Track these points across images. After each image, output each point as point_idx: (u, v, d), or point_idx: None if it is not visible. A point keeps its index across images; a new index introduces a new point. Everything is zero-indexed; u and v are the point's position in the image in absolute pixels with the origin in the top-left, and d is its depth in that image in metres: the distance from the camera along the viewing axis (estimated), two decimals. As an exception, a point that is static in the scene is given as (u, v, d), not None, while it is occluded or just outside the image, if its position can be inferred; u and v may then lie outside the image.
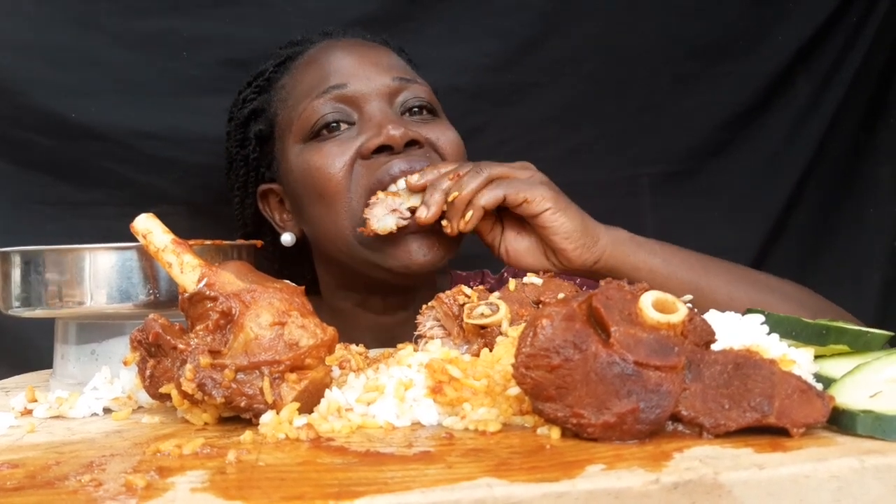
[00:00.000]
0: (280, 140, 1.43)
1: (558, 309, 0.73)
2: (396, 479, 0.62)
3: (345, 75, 1.37)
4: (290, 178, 1.40)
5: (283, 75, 1.46)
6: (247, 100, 1.50)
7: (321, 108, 1.35)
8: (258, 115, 1.47)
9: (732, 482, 0.60)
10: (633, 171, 1.90)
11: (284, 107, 1.42)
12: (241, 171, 1.51)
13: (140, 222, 0.93)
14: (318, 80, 1.38)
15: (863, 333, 0.84)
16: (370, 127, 1.32)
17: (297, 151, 1.37)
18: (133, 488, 0.62)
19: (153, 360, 0.85)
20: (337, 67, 1.38)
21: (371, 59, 1.40)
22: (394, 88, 1.37)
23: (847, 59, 1.92)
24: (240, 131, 1.50)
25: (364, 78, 1.37)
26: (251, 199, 1.51)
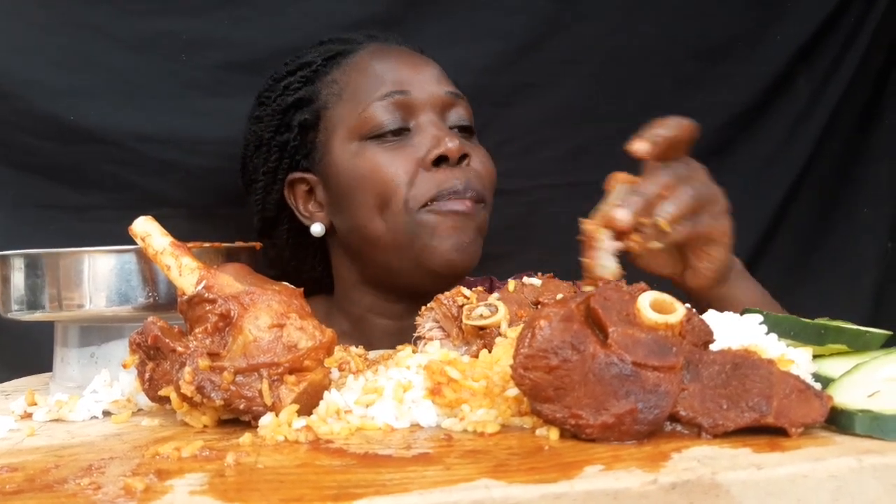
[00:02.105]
0: (327, 132, 1.45)
1: (556, 310, 0.73)
2: (395, 480, 0.62)
3: (405, 82, 1.42)
4: (335, 171, 1.43)
5: (332, 70, 1.48)
6: (290, 87, 1.50)
7: (383, 113, 1.39)
8: (304, 105, 1.48)
9: (730, 482, 0.60)
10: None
11: (338, 101, 1.44)
12: (273, 155, 1.50)
13: (138, 225, 0.94)
14: (378, 82, 1.42)
15: (861, 333, 0.84)
16: (427, 137, 1.38)
17: (353, 149, 1.41)
18: (132, 491, 0.62)
19: (152, 362, 0.86)
20: (397, 73, 1.43)
21: (428, 70, 1.46)
22: (447, 102, 1.44)
23: (845, 60, 1.92)
24: (278, 117, 1.50)
25: (423, 87, 1.42)
26: (279, 186, 1.51)
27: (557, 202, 1.85)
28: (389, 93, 1.40)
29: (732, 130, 1.94)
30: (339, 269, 1.53)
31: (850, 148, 1.96)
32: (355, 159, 1.40)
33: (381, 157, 1.38)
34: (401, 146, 1.39)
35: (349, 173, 1.41)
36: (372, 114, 1.39)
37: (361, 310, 1.50)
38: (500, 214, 1.80)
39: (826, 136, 1.94)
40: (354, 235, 1.44)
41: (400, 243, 1.38)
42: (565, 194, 1.84)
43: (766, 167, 1.94)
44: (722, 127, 1.93)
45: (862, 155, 1.96)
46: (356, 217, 1.41)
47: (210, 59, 1.67)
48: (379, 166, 1.38)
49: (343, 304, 1.53)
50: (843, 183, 1.96)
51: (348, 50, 1.49)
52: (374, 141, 1.39)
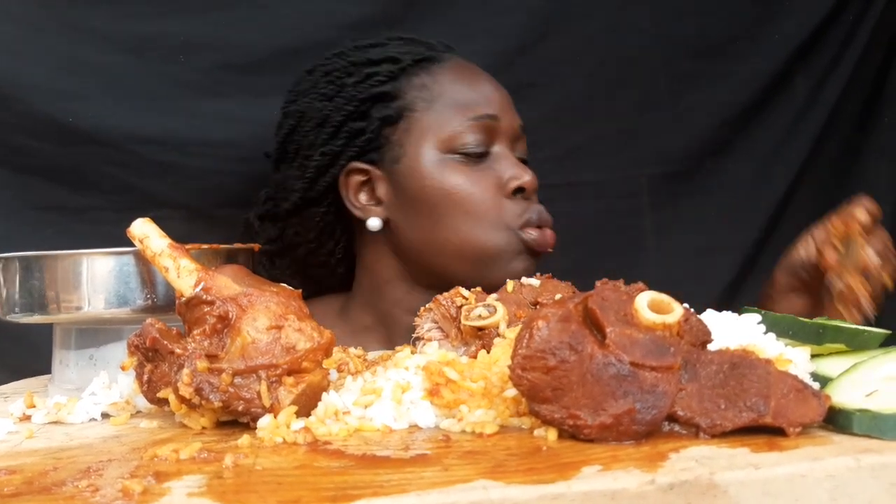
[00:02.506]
0: (408, 135, 1.46)
1: (554, 310, 0.73)
2: (393, 482, 0.62)
3: (495, 107, 1.46)
4: (415, 176, 1.44)
5: (422, 74, 1.49)
6: (374, 77, 1.49)
7: (472, 133, 1.43)
8: (388, 100, 1.48)
9: (728, 482, 0.60)
10: (631, 172, 1.90)
11: (427, 108, 1.46)
12: (340, 140, 1.48)
13: (136, 227, 0.93)
14: (472, 99, 1.45)
15: (860, 332, 0.84)
16: (507, 166, 1.44)
17: (437, 160, 1.43)
18: (130, 493, 0.62)
19: (151, 364, 0.86)
20: (488, 96, 1.46)
21: (508, 99, 1.50)
22: (519, 134, 1.49)
23: (844, 58, 1.92)
24: (355, 104, 1.48)
25: (509, 117, 1.47)
26: (336, 170, 1.49)
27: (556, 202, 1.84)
28: (483, 115, 1.44)
29: (731, 129, 1.93)
30: (375, 263, 1.52)
31: (849, 147, 1.96)
32: (441, 171, 1.43)
33: (468, 176, 1.42)
34: (482, 169, 1.43)
35: (433, 183, 1.43)
36: (463, 131, 1.43)
37: (389, 305, 1.50)
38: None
39: (825, 135, 1.94)
40: (424, 241, 1.45)
41: (481, 259, 1.42)
42: (564, 194, 1.84)
43: (765, 166, 1.94)
44: (721, 126, 1.93)
45: (861, 154, 1.96)
46: (436, 226, 1.43)
47: (208, 61, 1.67)
48: (466, 185, 1.42)
49: (370, 298, 1.52)
50: (841, 182, 1.96)
51: (436, 57, 1.51)
52: (458, 157, 1.43)
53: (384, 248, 1.50)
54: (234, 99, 1.65)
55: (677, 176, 1.92)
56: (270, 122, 1.66)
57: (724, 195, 1.93)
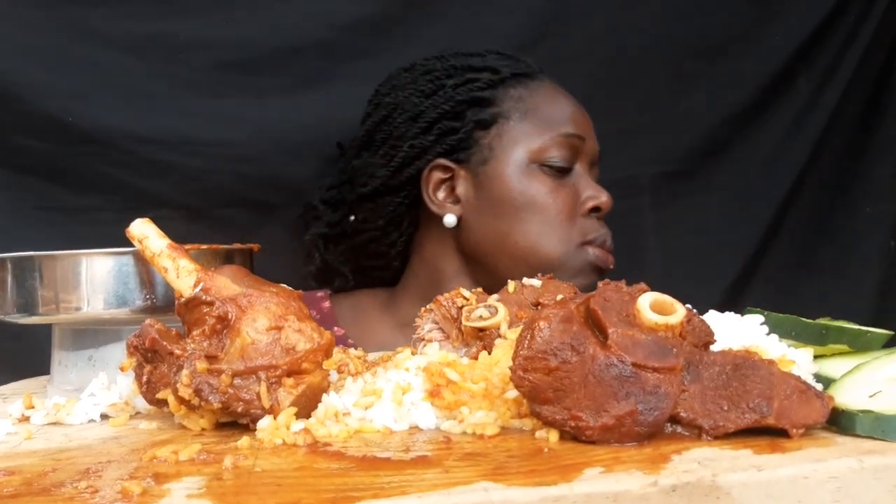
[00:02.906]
0: (499, 140, 1.52)
1: (556, 311, 0.73)
2: (393, 483, 0.62)
3: (582, 129, 1.55)
4: (501, 180, 1.51)
5: (519, 87, 1.56)
6: (474, 82, 1.56)
7: (560, 149, 1.51)
8: (484, 104, 1.55)
9: (731, 484, 0.60)
10: (632, 172, 1.90)
11: (521, 118, 1.53)
12: (431, 135, 1.54)
13: (136, 227, 0.93)
14: (562, 119, 1.54)
15: (862, 333, 0.84)
16: (587, 185, 1.53)
17: (524, 167, 1.51)
18: (129, 495, 0.62)
19: (150, 365, 0.85)
20: (577, 118, 1.55)
21: (592, 125, 1.59)
22: (596, 159, 1.58)
23: (845, 58, 1.92)
24: (451, 103, 1.55)
25: (592, 140, 1.57)
26: (422, 163, 1.54)
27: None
28: (572, 133, 1.52)
29: (732, 129, 1.93)
30: (438, 259, 1.58)
31: (852, 146, 1.96)
32: (526, 178, 1.50)
33: (549, 188, 1.50)
34: (563, 184, 1.51)
35: (517, 188, 1.50)
36: (552, 145, 1.51)
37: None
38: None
39: (827, 135, 1.94)
40: (494, 241, 1.52)
41: (544, 266, 1.44)
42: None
43: (767, 166, 1.94)
44: (721, 126, 1.93)
45: (863, 153, 1.96)
46: (509, 228, 1.50)
47: (208, 61, 1.67)
48: (547, 195, 1.49)
49: (426, 292, 1.54)
50: (844, 182, 1.96)
51: (532, 74, 1.59)
52: (544, 169, 1.50)
53: (450, 246, 1.56)
54: (234, 99, 1.65)
55: (678, 176, 1.91)
56: (270, 122, 1.66)
57: (725, 195, 1.93)
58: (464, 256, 1.55)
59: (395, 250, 1.62)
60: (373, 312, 1.60)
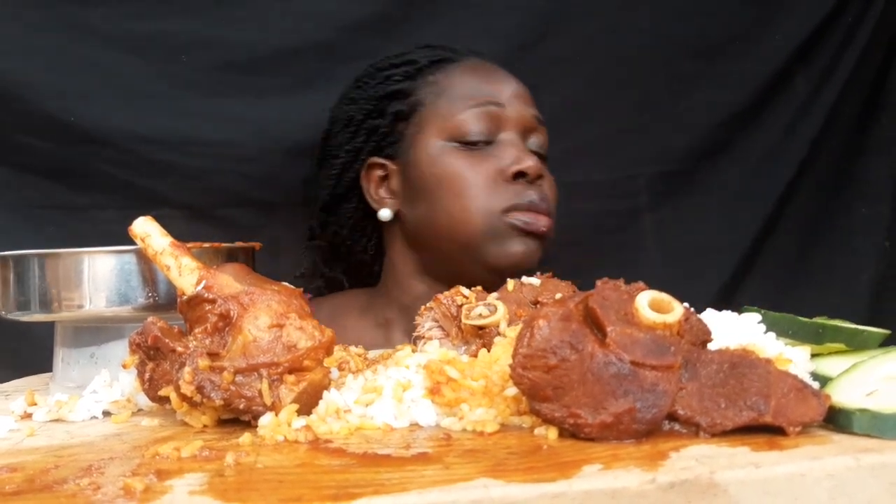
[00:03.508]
0: (418, 127, 1.51)
1: (555, 309, 0.74)
2: (394, 480, 0.62)
3: (503, 97, 1.50)
4: (418, 165, 1.50)
5: (436, 72, 1.54)
6: (391, 77, 1.56)
7: (476, 121, 1.47)
8: (402, 96, 1.54)
9: (728, 481, 0.61)
10: (630, 172, 1.90)
11: (435, 101, 1.51)
12: (360, 137, 1.56)
13: (138, 225, 0.94)
14: (478, 90, 1.50)
15: (859, 332, 0.84)
16: (510, 152, 1.46)
17: (439, 147, 1.48)
18: (131, 491, 0.62)
19: (152, 363, 0.86)
20: (498, 87, 1.51)
21: (524, 91, 1.54)
22: (531, 125, 1.52)
23: (843, 59, 1.92)
24: (373, 102, 1.56)
25: (518, 106, 1.50)
26: (358, 165, 1.56)
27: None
28: (484, 102, 1.48)
29: (730, 129, 1.94)
30: (396, 257, 1.58)
31: (848, 147, 1.96)
32: (440, 158, 1.48)
33: (465, 161, 1.46)
34: (484, 156, 1.47)
35: (432, 170, 1.48)
36: (464, 119, 1.47)
37: (411, 299, 1.53)
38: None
39: (824, 135, 1.94)
40: (424, 227, 1.51)
41: (471, 242, 1.45)
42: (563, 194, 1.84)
43: (764, 166, 1.94)
44: (720, 126, 1.93)
45: (860, 154, 1.96)
46: (432, 211, 1.49)
47: (209, 61, 1.67)
48: (462, 169, 1.46)
49: (393, 292, 1.57)
50: (840, 181, 1.96)
51: (453, 58, 1.57)
52: (460, 145, 1.47)
53: (403, 243, 1.56)
54: (235, 99, 1.65)
55: (677, 176, 1.92)
56: (271, 121, 1.67)
57: (723, 195, 1.94)
58: (415, 251, 1.55)
59: (369, 254, 1.63)
60: (351, 314, 1.60)
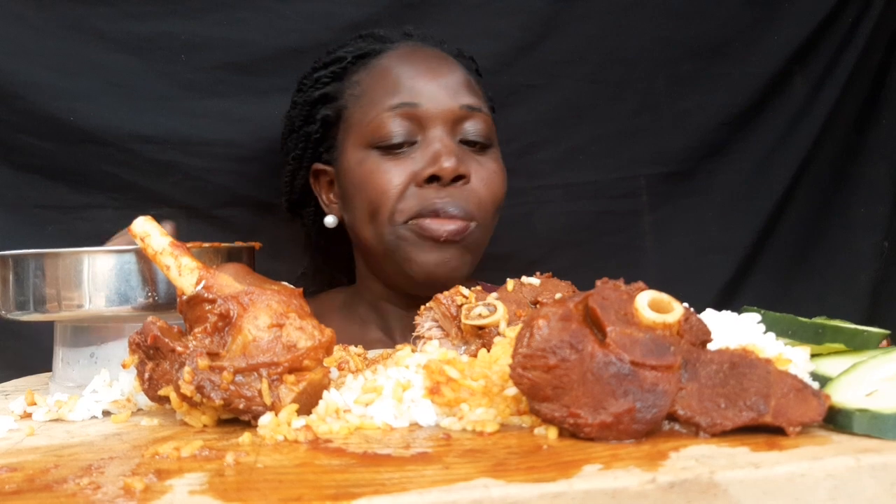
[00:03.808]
0: (344, 133, 1.49)
1: (555, 309, 0.74)
2: (394, 480, 0.62)
3: (417, 93, 1.42)
4: (344, 172, 1.47)
5: (359, 69, 1.50)
6: (320, 81, 1.54)
7: (390, 125, 1.41)
8: (328, 101, 1.52)
9: (728, 481, 0.61)
10: (629, 173, 1.90)
11: (357, 104, 1.47)
12: (300, 143, 1.55)
13: (138, 225, 0.94)
14: (392, 90, 1.43)
15: (859, 332, 0.84)
16: (428, 153, 1.40)
17: (359, 156, 1.44)
18: (131, 491, 0.62)
19: (152, 362, 0.86)
20: (412, 83, 1.43)
21: (444, 80, 1.45)
22: (459, 115, 1.43)
23: (841, 60, 1.92)
24: (307, 108, 1.54)
25: (435, 100, 1.42)
26: (304, 173, 1.56)
27: (555, 202, 1.85)
28: (399, 104, 1.42)
29: (729, 130, 1.94)
30: (357, 258, 1.59)
31: (847, 148, 1.96)
32: (361, 164, 1.43)
33: (380, 167, 1.41)
34: (402, 158, 1.41)
35: (353, 177, 1.44)
36: (380, 123, 1.42)
37: (376, 297, 1.54)
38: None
39: (823, 136, 1.94)
40: (354, 236, 1.50)
41: (384, 252, 1.42)
42: (563, 195, 1.85)
43: (763, 167, 1.94)
44: (719, 127, 1.93)
45: (858, 155, 1.96)
46: (354, 220, 1.47)
47: (209, 61, 1.67)
48: (375, 175, 1.41)
49: (362, 290, 1.58)
50: (839, 182, 1.96)
51: (378, 50, 1.51)
52: (379, 151, 1.42)
53: (356, 246, 1.56)
54: (235, 99, 1.65)
55: (676, 176, 1.92)
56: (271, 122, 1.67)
57: (722, 195, 1.94)
58: (363, 253, 1.54)
59: (341, 253, 1.63)
60: (334, 312, 1.60)
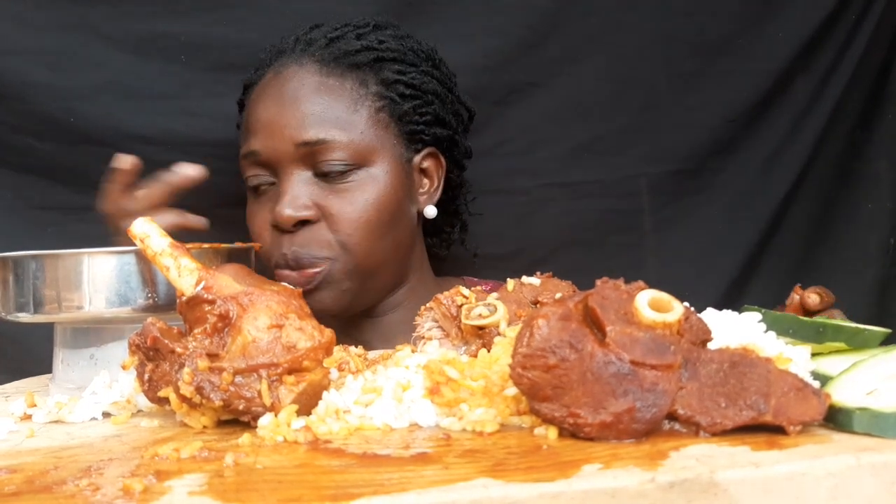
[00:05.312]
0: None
1: (554, 309, 0.74)
2: (393, 480, 0.62)
3: (259, 138, 1.41)
4: None
5: (246, 102, 1.51)
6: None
7: (246, 171, 1.45)
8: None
9: (728, 481, 0.60)
10: (632, 171, 1.90)
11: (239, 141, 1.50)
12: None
13: (137, 226, 0.94)
14: (245, 135, 1.45)
15: (860, 331, 0.84)
16: (278, 197, 1.40)
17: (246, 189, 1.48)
18: (131, 492, 0.62)
19: (151, 363, 0.86)
20: (255, 128, 1.42)
21: (286, 117, 1.40)
22: (303, 154, 1.39)
23: (846, 57, 1.91)
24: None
25: (273, 143, 1.40)
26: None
27: (558, 201, 1.85)
28: (246, 153, 1.43)
29: (734, 128, 1.93)
30: None
31: (852, 144, 1.96)
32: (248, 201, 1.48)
33: (251, 209, 1.46)
34: (264, 201, 1.44)
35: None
36: (242, 168, 1.46)
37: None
38: (500, 214, 1.80)
39: (827, 134, 1.93)
40: None
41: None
42: (565, 193, 1.84)
43: (767, 165, 1.94)
44: (724, 125, 1.93)
45: (864, 151, 1.96)
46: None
47: (208, 61, 1.67)
48: (248, 218, 1.47)
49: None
50: (845, 179, 1.95)
51: (255, 80, 1.50)
52: (250, 190, 1.46)
53: None
54: (234, 99, 1.65)
55: (678, 175, 1.91)
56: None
57: (725, 194, 1.93)
58: None
59: None
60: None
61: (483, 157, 1.76)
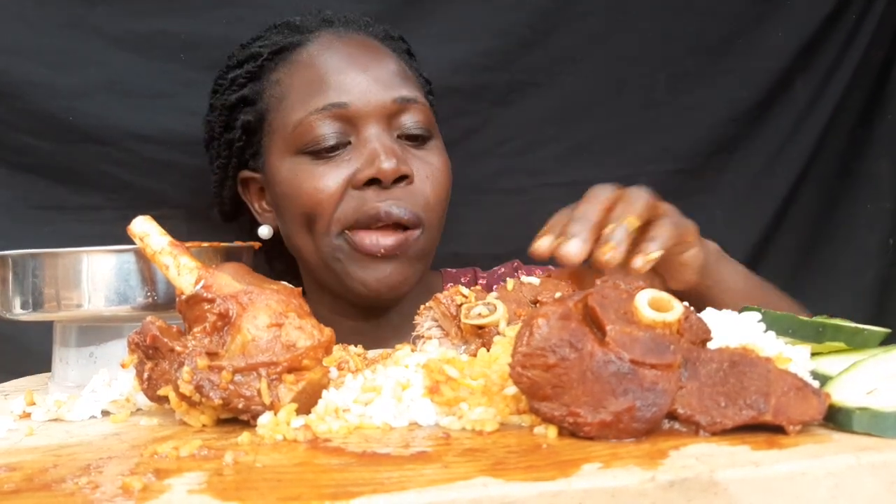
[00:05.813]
0: (269, 138, 1.41)
1: (554, 308, 0.73)
2: (393, 479, 0.62)
3: (345, 91, 1.33)
4: (273, 180, 1.39)
5: (278, 67, 1.41)
6: (236, 82, 1.45)
7: (320, 128, 1.32)
8: (247, 104, 1.43)
9: (728, 480, 0.60)
10: (632, 170, 1.89)
11: (279, 107, 1.38)
12: (223, 152, 1.48)
13: (137, 225, 0.93)
14: (317, 90, 1.34)
15: (859, 331, 0.84)
16: (365, 154, 1.31)
17: (289, 164, 1.35)
18: (130, 490, 0.62)
19: (151, 362, 0.85)
20: (338, 80, 1.34)
21: (374, 72, 1.35)
22: (394, 110, 1.35)
23: (846, 57, 1.92)
24: (225, 113, 1.46)
25: (365, 97, 1.33)
26: (231, 182, 1.50)
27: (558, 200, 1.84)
28: (327, 105, 1.33)
29: (734, 127, 1.93)
30: (300, 269, 1.51)
31: (853, 144, 1.96)
32: (290, 172, 1.35)
33: (313, 173, 1.32)
34: (336, 162, 1.32)
35: (284, 186, 1.36)
36: (308, 127, 1.33)
37: (326, 310, 1.44)
38: (500, 213, 1.80)
39: (828, 133, 1.94)
40: (289, 246, 1.43)
41: (323, 264, 1.35)
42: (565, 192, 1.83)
43: (768, 164, 1.94)
44: (725, 123, 1.93)
45: (864, 151, 1.96)
46: (288, 230, 1.40)
47: (208, 60, 1.67)
48: (308, 183, 1.32)
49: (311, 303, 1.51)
50: (845, 179, 1.96)
51: (296, 43, 1.41)
52: (310, 155, 1.33)
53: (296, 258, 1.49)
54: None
55: (678, 175, 1.92)
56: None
57: (727, 193, 1.93)
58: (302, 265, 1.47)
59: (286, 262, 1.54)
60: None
61: (483, 156, 1.77)
